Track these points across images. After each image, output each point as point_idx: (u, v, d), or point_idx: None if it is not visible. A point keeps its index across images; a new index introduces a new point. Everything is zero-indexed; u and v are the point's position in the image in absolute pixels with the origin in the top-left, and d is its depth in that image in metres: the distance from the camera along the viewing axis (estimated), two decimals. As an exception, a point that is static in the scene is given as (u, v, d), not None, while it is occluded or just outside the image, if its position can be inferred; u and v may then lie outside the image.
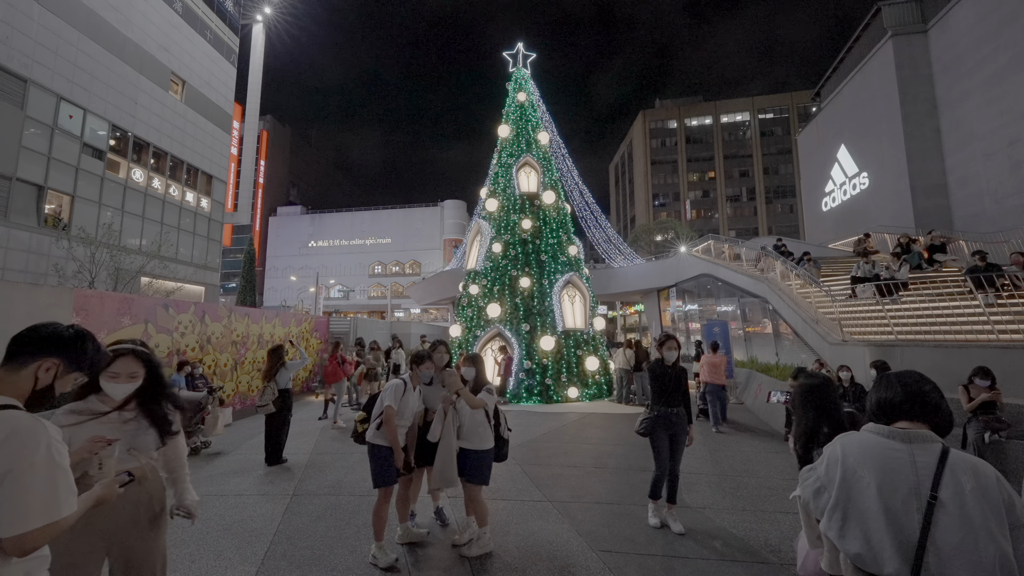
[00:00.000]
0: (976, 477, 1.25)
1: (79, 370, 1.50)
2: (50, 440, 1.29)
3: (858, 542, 1.30)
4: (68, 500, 1.31)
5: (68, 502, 1.31)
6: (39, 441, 1.26)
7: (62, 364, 1.44)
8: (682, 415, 4.01)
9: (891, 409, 1.43)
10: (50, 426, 1.33)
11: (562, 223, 12.91)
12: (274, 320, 11.01)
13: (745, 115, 52.76)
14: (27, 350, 1.39)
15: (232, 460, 5.99)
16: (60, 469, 1.30)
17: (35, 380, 1.39)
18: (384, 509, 3.33)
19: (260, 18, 32.59)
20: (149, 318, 7.51)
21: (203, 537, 3.68)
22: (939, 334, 7.79)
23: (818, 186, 22.76)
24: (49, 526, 1.25)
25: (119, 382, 1.87)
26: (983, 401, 4.84)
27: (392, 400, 3.33)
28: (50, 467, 1.27)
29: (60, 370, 1.44)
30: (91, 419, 1.82)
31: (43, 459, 1.26)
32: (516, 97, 14.05)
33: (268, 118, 60.53)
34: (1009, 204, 12.99)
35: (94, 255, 14.70)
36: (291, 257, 59.32)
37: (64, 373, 1.45)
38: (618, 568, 3.23)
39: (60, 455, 1.31)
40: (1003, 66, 13.19)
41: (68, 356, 1.45)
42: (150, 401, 1.95)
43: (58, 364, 1.43)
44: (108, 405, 1.87)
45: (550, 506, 4.36)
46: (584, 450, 6.51)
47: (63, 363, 1.44)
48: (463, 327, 12.06)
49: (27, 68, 15.85)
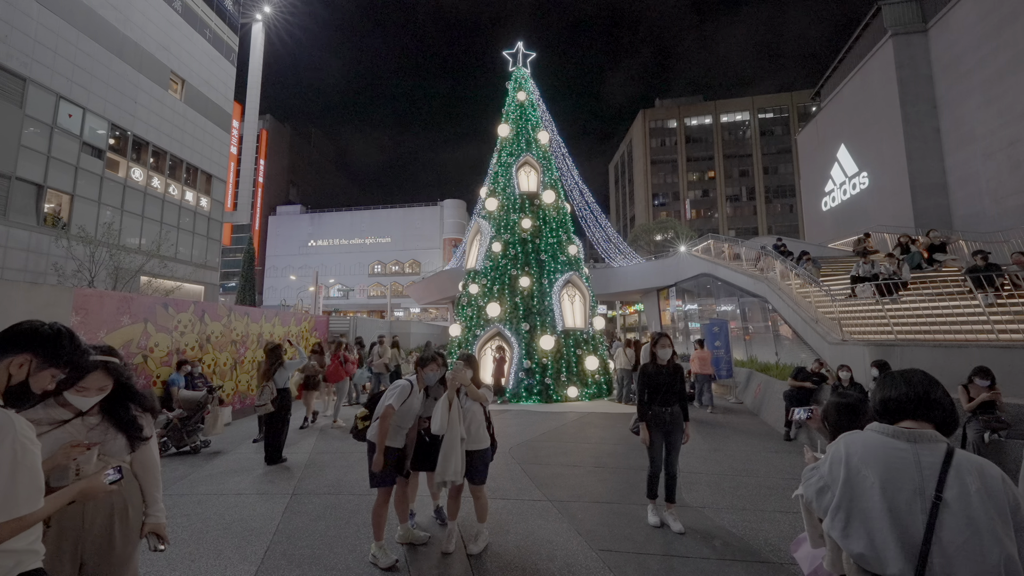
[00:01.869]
0: (982, 478, 1.24)
1: (54, 366, 1.49)
2: (16, 436, 1.27)
3: (862, 542, 1.29)
4: (29, 499, 1.28)
5: (29, 500, 1.28)
6: (3, 436, 1.25)
7: (35, 360, 1.43)
8: (676, 414, 4.01)
9: (896, 408, 1.41)
10: (20, 421, 1.32)
11: (562, 222, 12.90)
12: (273, 319, 11.00)
13: (745, 114, 52.74)
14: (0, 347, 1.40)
15: (231, 459, 5.98)
16: (23, 466, 1.28)
17: (8, 376, 1.39)
18: (383, 508, 3.33)
19: (260, 17, 32.54)
20: (148, 317, 7.49)
21: (202, 536, 3.68)
22: (939, 334, 7.79)
23: (818, 186, 22.76)
24: (6, 523, 1.22)
25: (86, 396, 1.79)
26: (983, 401, 4.85)
27: (395, 401, 3.31)
28: (12, 463, 1.25)
29: (33, 366, 1.43)
30: (53, 428, 1.72)
31: (6, 454, 1.24)
32: (516, 96, 14.03)
33: (268, 117, 60.45)
34: (1009, 204, 12.99)
35: (93, 254, 14.69)
36: (290, 256, 59.30)
37: (38, 369, 1.45)
38: (617, 567, 3.23)
39: (25, 452, 1.29)
40: (1003, 66, 13.18)
41: (42, 352, 1.45)
42: (116, 405, 1.86)
43: (30, 360, 1.42)
44: (70, 412, 1.78)
45: (550, 505, 4.36)
46: (584, 449, 6.51)
47: (36, 359, 1.44)
48: (463, 326, 12.05)
49: (26, 67, 15.82)
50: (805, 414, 2.51)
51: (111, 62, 19.03)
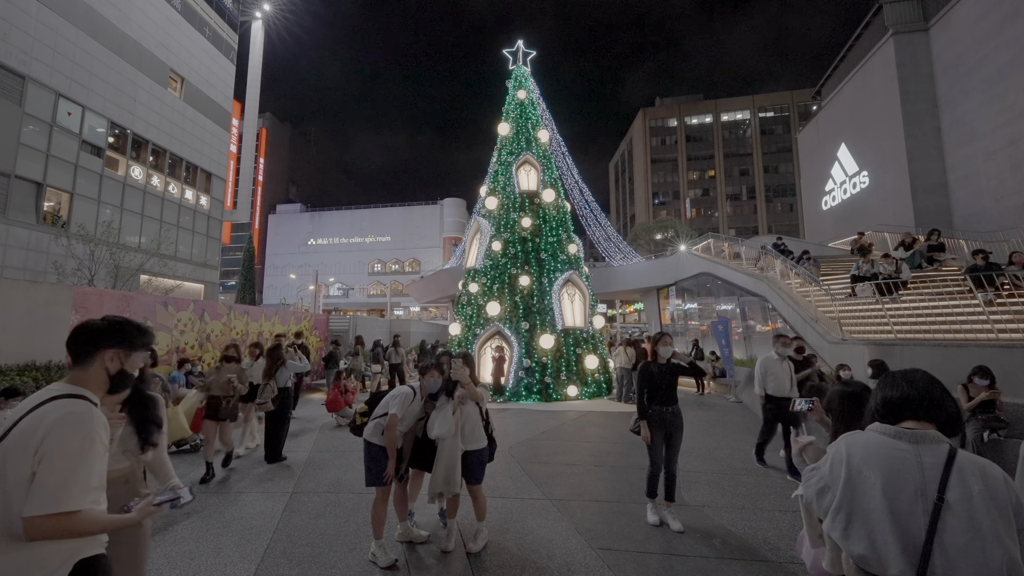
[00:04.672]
0: (984, 479, 1.23)
1: (137, 349, 1.64)
2: (88, 431, 1.35)
3: (862, 543, 1.28)
4: (77, 496, 1.29)
5: (77, 498, 1.29)
6: (79, 430, 1.33)
7: (121, 351, 1.59)
8: (677, 413, 4.03)
9: (897, 408, 1.40)
10: (100, 419, 1.41)
11: (562, 221, 12.89)
12: (273, 318, 11.00)
13: (745, 113, 52.68)
14: (87, 349, 1.52)
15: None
16: (85, 462, 1.32)
17: (106, 370, 1.54)
18: (383, 507, 3.33)
19: (259, 15, 32.48)
20: (148, 316, 7.49)
21: (202, 534, 3.68)
22: (938, 333, 7.78)
23: (818, 185, 22.73)
24: (54, 517, 1.24)
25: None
26: (982, 400, 4.85)
27: (398, 409, 3.34)
28: (79, 456, 1.31)
29: (123, 356, 1.59)
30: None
31: (75, 447, 1.31)
32: (516, 95, 14.00)
33: (267, 115, 60.36)
34: (1010, 203, 12.98)
35: (93, 252, 14.68)
36: (290, 255, 59.27)
37: (126, 356, 1.60)
38: (617, 566, 3.23)
39: (92, 447, 1.35)
40: (1004, 64, 13.16)
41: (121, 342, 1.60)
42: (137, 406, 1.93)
43: (118, 352, 1.58)
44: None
45: (549, 504, 4.36)
46: (583, 448, 6.51)
47: (121, 350, 1.59)
48: (463, 325, 12.05)
49: (25, 65, 15.79)
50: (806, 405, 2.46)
51: (110, 60, 18.99)
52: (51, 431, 1.29)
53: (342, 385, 8.60)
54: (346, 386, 8.68)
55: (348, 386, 8.76)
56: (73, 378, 1.49)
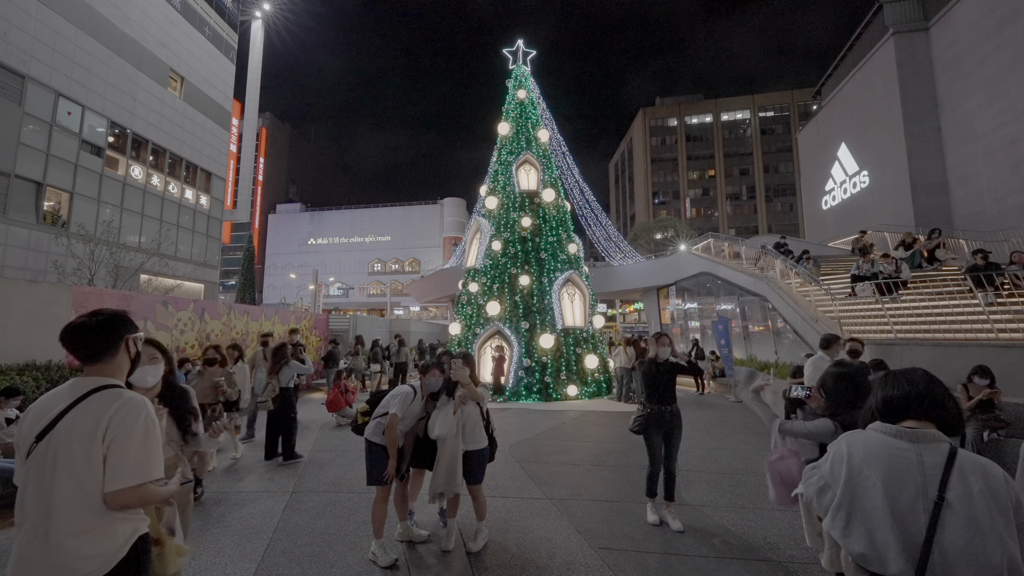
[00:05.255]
0: (985, 478, 1.23)
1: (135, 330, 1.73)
2: (147, 413, 1.53)
3: (862, 542, 1.29)
4: (157, 466, 1.53)
5: (157, 468, 1.53)
6: (140, 413, 1.50)
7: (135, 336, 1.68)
8: (676, 412, 4.03)
9: (898, 407, 1.40)
10: (148, 402, 1.56)
11: (562, 221, 12.89)
12: (273, 317, 11.00)
13: (745, 113, 52.64)
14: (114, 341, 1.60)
15: (231, 456, 5.98)
16: (152, 438, 1.53)
17: (129, 356, 1.65)
18: (383, 506, 3.34)
19: (259, 14, 32.44)
20: (148, 315, 7.49)
21: (203, 533, 3.68)
22: (938, 333, 7.79)
23: (818, 184, 22.73)
24: (140, 487, 1.46)
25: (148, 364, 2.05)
26: (982, 400, 4.85)
27: (399, 409, 3.35)
28: (145, 435, 1.50)
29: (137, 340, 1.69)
30: None
31: (141, 428, 1.49)
32: (516, 94, 14.00)
33: (267, 115, 60.28)
34: (1010, 203, 12.97)
35: (93, 252, 14.67)
36: (290, 255, 59.24)
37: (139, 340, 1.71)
38: (617, 565, 3.23)
39: (154, 426, 1.55)
40: (1004, 64, 13.15)
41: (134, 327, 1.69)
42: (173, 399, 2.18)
43: (135, 338, 1.68)
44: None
45: (549, 504, 4.37)
46: (583, 448, 6.52)
47: (135, 335, 1.68)
48: (462, 325, 12.06)
49: (25, 64, 15.78)
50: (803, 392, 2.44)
51: (110, 59, 18.98)
52: (114, 418, 1.45)
53: (342, 385, 8.61)
54: (346, 386, 8.68)
55: (348, 386, 8.75)
56: (99, 371, 1.57)
